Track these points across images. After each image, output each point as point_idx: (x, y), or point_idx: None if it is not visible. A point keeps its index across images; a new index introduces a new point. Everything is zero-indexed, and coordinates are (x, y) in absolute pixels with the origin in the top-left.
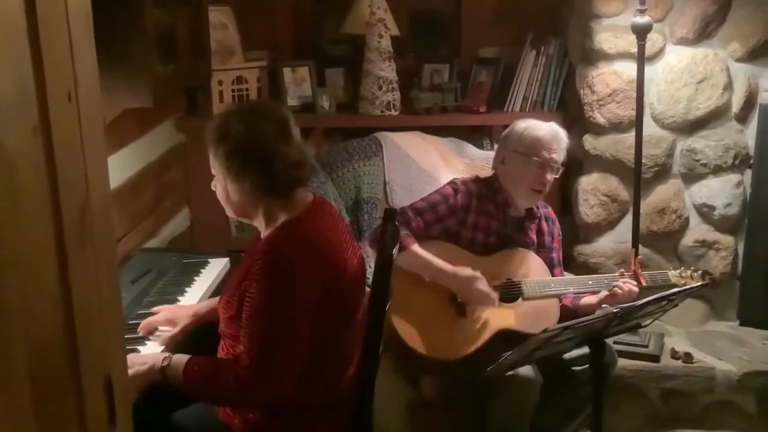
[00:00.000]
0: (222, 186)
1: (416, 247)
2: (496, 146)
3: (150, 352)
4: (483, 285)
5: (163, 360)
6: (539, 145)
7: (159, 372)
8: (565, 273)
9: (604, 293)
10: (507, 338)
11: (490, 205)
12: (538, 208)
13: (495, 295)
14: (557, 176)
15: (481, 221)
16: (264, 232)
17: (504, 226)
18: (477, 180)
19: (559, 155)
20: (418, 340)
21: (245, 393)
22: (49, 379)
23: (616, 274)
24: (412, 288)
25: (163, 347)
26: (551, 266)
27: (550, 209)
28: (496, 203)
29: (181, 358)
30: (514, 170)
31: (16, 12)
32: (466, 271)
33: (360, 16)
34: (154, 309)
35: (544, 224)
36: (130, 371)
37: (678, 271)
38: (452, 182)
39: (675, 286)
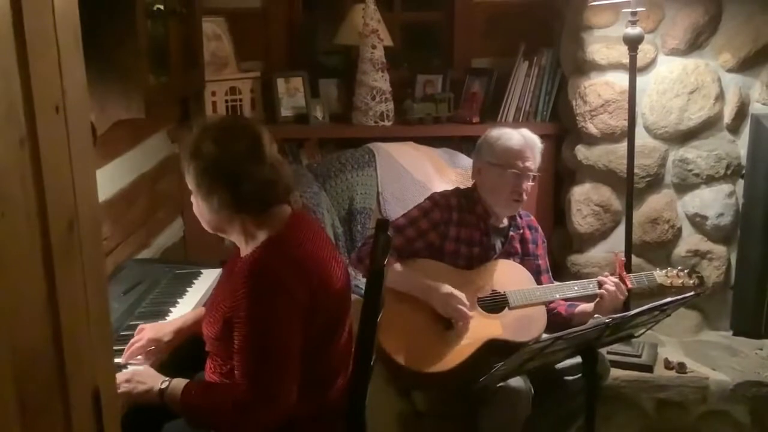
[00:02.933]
0: (196, 202)
1: (396, 265)
2: None
3: (142, 368)
4: (458, 303)
5: (162, 383)
6: (513, 156)
7: (157, 395)
8: (552, 280)
9: (595, 300)
10: (495, 348)
11: (471, 216)
12: (520, 217)
13: (468, 316)
14: (533, 183)
15: (463, 233)
16: (244, 249)
17: (487, 236)
18: (456, 192)
19: (534, 162)
20: (405, 355)
21: (246, 417)
22: (36, 392)
23: (601, 277)
24: (397, 304)
25: (149, 362)
26: (538, 274)
27: (532, 217)
28: (477, 214)
29: (179, 383)
30: (490, 182)
31: (3, 24)
32: (443, 288)
33: (353, 27)
34: (136, 338)
35: (527, 233)
36: (128, 386)
37: (664, 271)
38: (431, 196)
39: (662, 286)
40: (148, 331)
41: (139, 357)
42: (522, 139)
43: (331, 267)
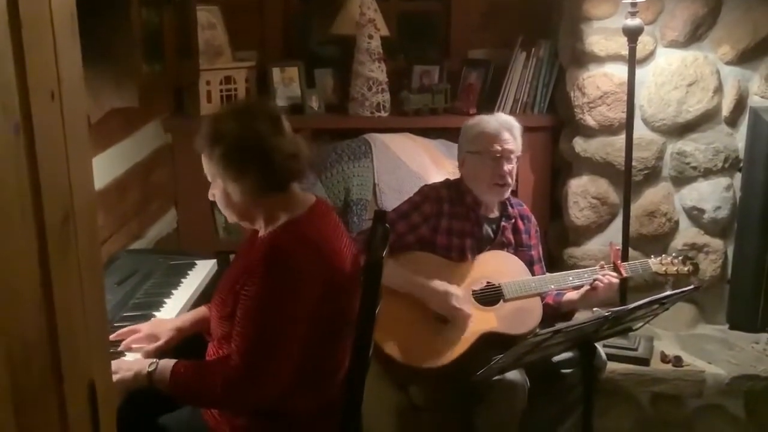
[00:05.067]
0: (221, 190)
1: (390, 263)
2: None
3: (136, 358)
4: (456, 301)
5: (149, 365)
6: (489, 140)
7: (145, 378)
8: (545, 270)
9: (585, 288)
10: (491, 341)
11: (461, 207)
12: (512, 206)
13: (468, 314)
14: (515, 165)
15: (455, 225)
16: (263, 232)
17: (478, 227)
18: (446, 184)
19: (514, 144)
20: (400, 351)
21: (232, 393)
22: (31, 386)
23: (596, 267)
24: (392, 299)
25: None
26: (531, 264)
27: (525, 207)
28: (467, 205)
29: (167, 362)
30: (472, 170)
31: None
32: (440, 287)
33: (350, 17)
34: (135, 327)
35: (519, 223)
36: (116, 377)
37: (659, 258)
38: (421, 190)
39: (656, 273)
40: (147, 327)
41: (138, 346)
42: (496, 122)
43: (346, 259)
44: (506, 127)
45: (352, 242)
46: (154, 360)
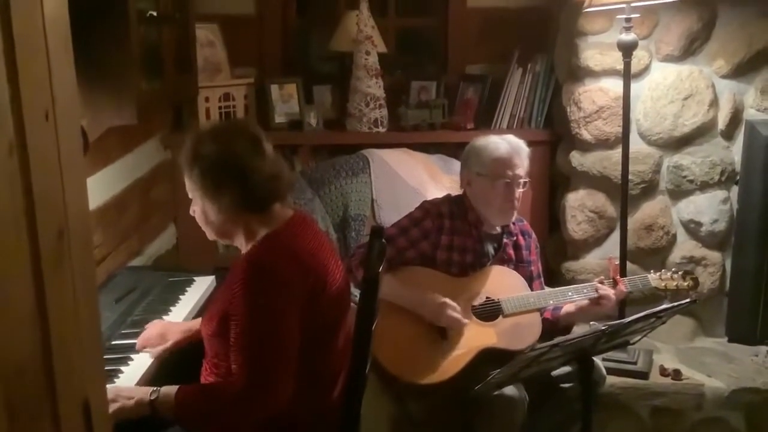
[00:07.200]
0: (200, 208)
1: (387, 277)
2: None
3: (131, 386)
4: (452, 311)
5: (151, 393)
6: (502, 166)
7: (147, 406)
8: (545, 285)
9: (584, 302)
10: (490, 357)
11: (463, 223)
12: (513, 223)
13: (465, 321)
14: (525, 189)
15: (456, 241)
16: (244, 249)
17: (480, 243)
18: (447, 200)
19: (523, 168)
20: (399, 367)
21: (247, 409)
22: (25, 404)
23: (595, 281)
24: (391, 314)
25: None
26: (530, 279)
27: (525, 222)
28: (469, 221)
29: (170, 389)
30: (481, 193)
31: None
32: (434, 299)
33: (347, 34)
34: (147, 326)
35: (520, 239)
36: (116, 405)
37: (658, 273)
38: (422, 205)
39: (656, 288)
40: (157, 327)
41: (147, 348)
42: (508, 146)
43: (330, 266)
44: (517, 151)
45: (336, 252)
46: (155, 388)
